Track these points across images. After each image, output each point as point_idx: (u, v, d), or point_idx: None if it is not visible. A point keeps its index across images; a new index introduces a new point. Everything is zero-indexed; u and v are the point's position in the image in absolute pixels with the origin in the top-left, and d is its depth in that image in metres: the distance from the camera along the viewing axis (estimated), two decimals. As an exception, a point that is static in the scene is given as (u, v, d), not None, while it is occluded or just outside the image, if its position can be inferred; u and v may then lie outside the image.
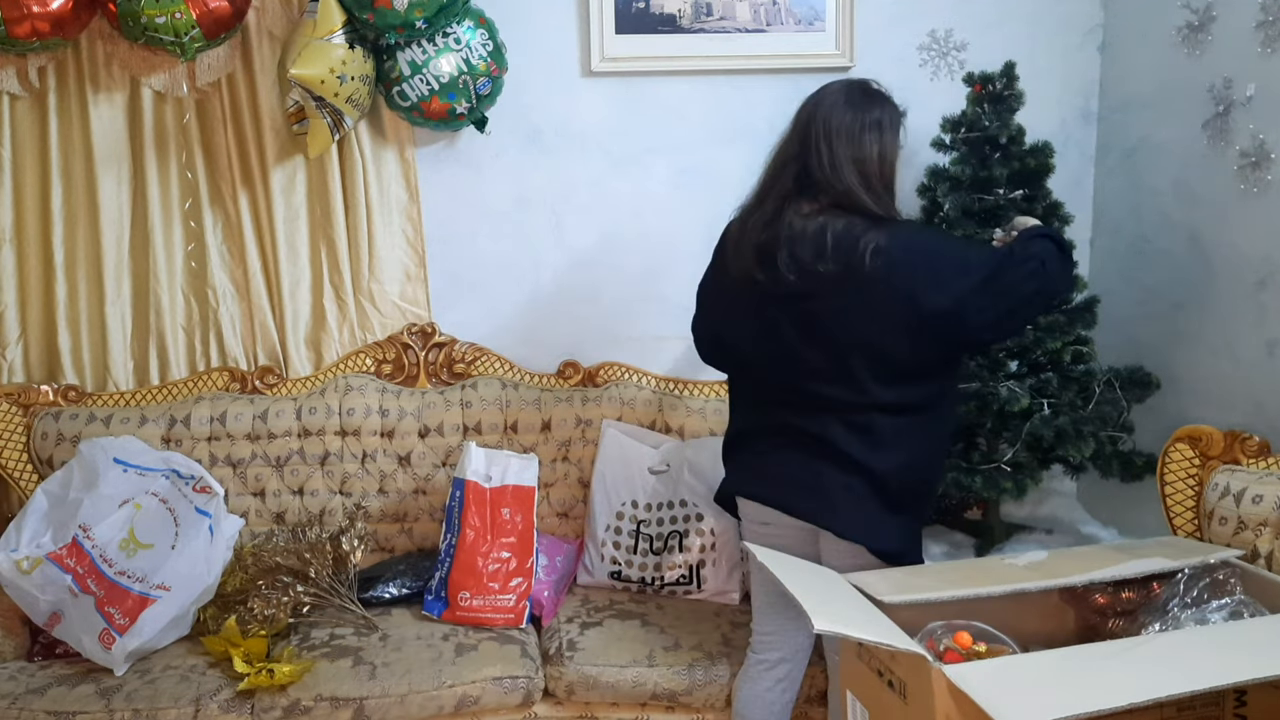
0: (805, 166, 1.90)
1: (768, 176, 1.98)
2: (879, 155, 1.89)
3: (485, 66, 2.58)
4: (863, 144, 1.88)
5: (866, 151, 1.88)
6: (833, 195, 1.88)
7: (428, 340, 2.81)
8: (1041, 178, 2.55)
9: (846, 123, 1.88)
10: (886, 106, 1.93)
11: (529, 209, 2.87)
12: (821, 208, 1.88)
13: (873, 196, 1.87)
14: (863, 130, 1.88)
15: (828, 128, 1.88)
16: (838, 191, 1.87)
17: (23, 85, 2.54)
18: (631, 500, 2.59)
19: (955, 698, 1.46)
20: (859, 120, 1.88)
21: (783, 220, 1.90)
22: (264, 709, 2.08)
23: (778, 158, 1.97)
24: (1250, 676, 1.45)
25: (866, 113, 1.90)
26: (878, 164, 1.89)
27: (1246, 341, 2.37)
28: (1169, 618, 1.79)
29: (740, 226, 1.99)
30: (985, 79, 2.57)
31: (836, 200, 1.88)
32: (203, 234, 2.70)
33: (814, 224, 1.87)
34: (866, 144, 1.88)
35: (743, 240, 1.96)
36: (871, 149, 1.88)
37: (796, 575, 1.74)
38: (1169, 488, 2.21)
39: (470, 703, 2.16)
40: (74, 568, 2.19)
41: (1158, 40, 2.64)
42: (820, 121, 1.89)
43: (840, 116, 1.89)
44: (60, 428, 2.56)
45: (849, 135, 1.88)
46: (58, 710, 2.03)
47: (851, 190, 1.86)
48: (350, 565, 2.40)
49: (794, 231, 1.88)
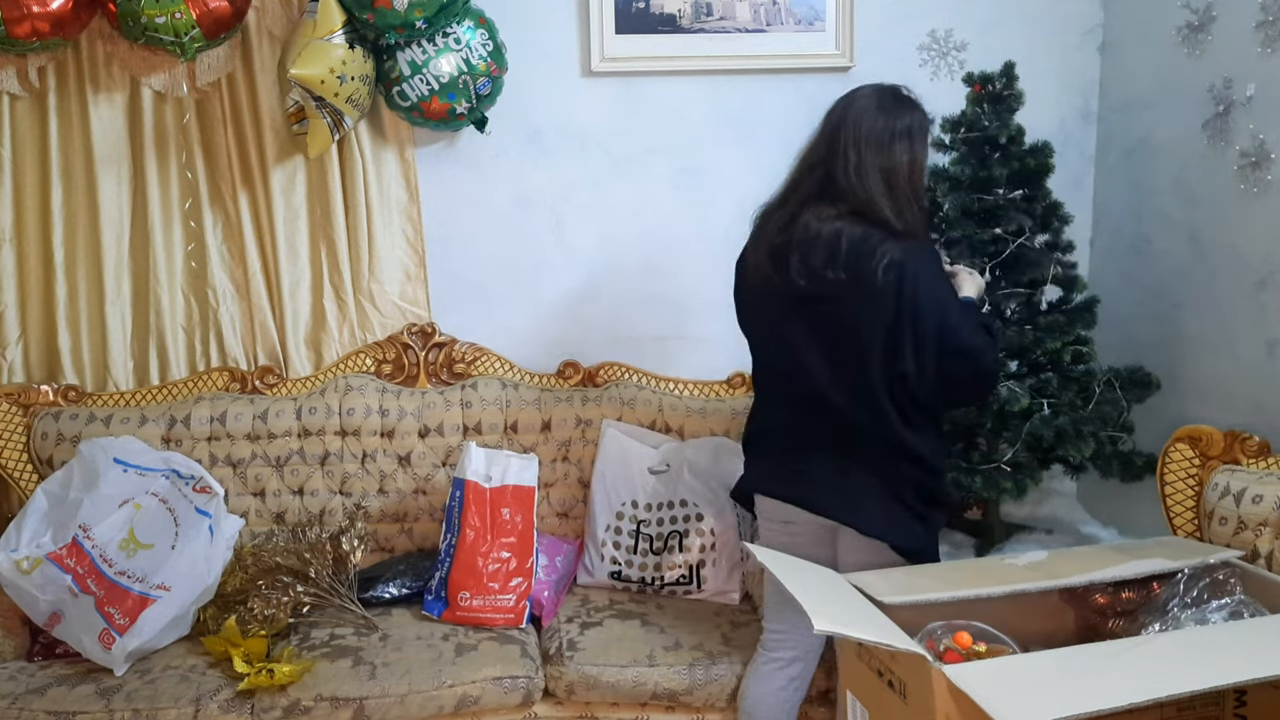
0: (830, 171, 1.88)
1: (792, 179, 1.96)
2: (909, 164, 1.87)
3: (485, 66, 2.58)
4: (892, 152, 1.86)
5: (896, 160, 1.86)
6: (854, 202, 1.86)
7: (428, 340, 2.81)
8: (1041, 178, 2.55)
9: (877, 130, 1.85)
10: (917, 114, 1.90)
11: (529, 209, 2.87)
12: (840, 214, 1.87)
13: (894, 207, 1.85)
14: (893, 139, 1.86)
15: (857, 133, 1.86)
16: (860, 200, 1.85)
17: (23, 85, 2.54)
18: (631, 500, 2.59)
19: (955, 698, 1.46)
20: (890, 128, 1.86)
21: (799, 223, 1.89)
22: (264, 709, 2.08)
23: (805, 160, 1.95)
24: (1250, 676, 1.45)
25: (898, 120, 1.87)
26: (906, 173, 1.87)
27: (1246, 341, 2.37)
28: (1169, 618, 1.79)
29: (761, 227, 1.98)
30: (985, 79, 2.57)
31: (857, 208, 1.86)
32: (203, 234, 2.70)
33: (829, 229, 1.86)
34: (896, 152, 1.86)
35: (761, 241, 1.96)
36: (901, 157, 1.86)
37: (797, 576, 1.74)
38: (1169, 488, 2.21)
39: (470, 703, 2.16)
40: (74, 568, 2.19)
41: (1158, 40, 2.64)
42: (850, 126, 1.87)
43: (871, 122, 1.86)
44: (60, 428, 2.56)
45: (878, 143, 1.85)
46: (58, 710, 2.03)
47: (874, 199, 1.84)
48: (350, 565, 2.40)
49: (808, 235, 1.87)
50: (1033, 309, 2.56)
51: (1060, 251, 2.57)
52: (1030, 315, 2.54)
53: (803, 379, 1.93)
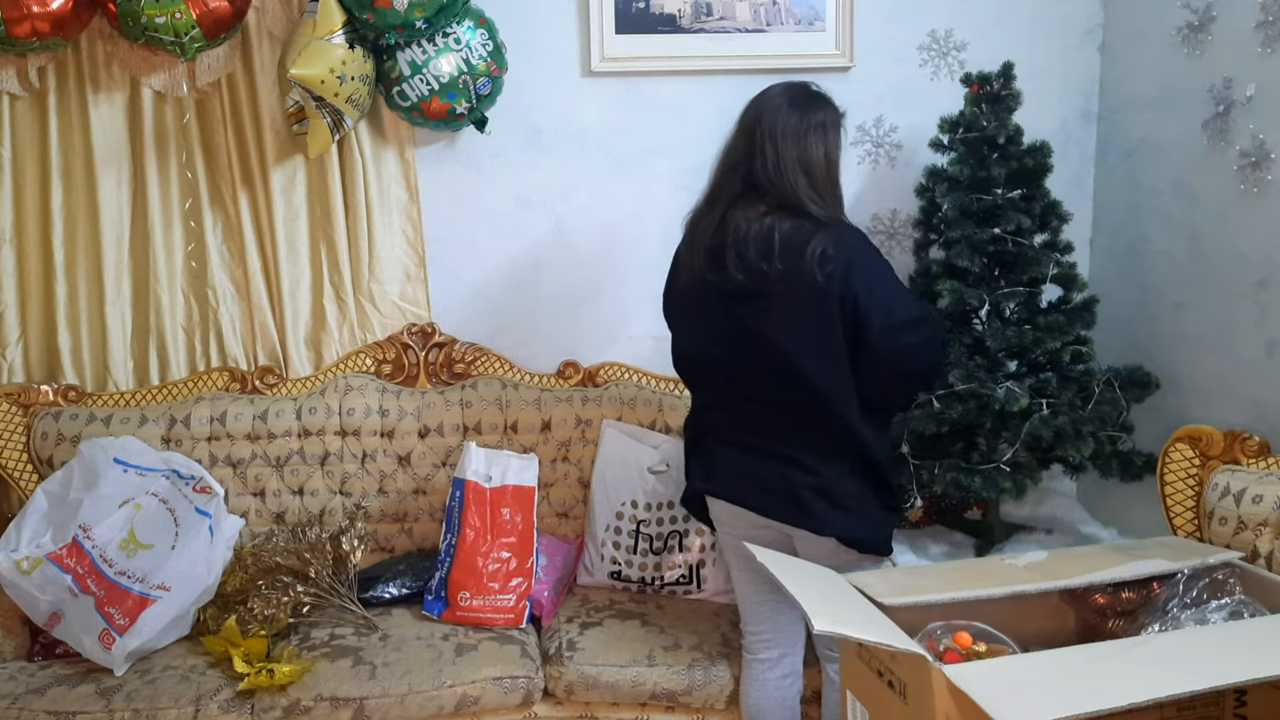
0: (751, 169, 1.93)
1: (716, 181, 2.01)
2: (824, 156, 1.92)
3: (485, 66, 2.58)
4: (808, 145, 1.91)
5: (813, 153, 1.91)
6: (778, 197, 1.91)
7: (428, 340, 2.81)
8: (1040, 178, 2.56)
9: (792, 125, 1.91)
10: (829, 108, 1.96)
11: (529, 209, 2.87)
12: (769, 209, 1.91)
13: (816, 198, 1.90)
14: (808, 131, 1.91)
15: (773, 130, 1.91)
16: (784, 193, 1.90)
17: (23, 85, 2.54)
18: (631, 500, 2.59)
19: (955, 698, 1.46)
20: (804, 122, 1.91)
21: (730, 223, 1.93)
22: (264, 709, 2.08)
23: (725, 161, 2.00)
24: (1250, 676, 1.45)
25: (812, 114, 1.93)
26: (824, 165, 1.92)
27: (1246, 341, 2.37)
28: (1169, 618, 1.79)
29: (692, 231, 2.02)
30: (983, 79, 2.57)
31: (781, 202, 1.90)
32: (203, 234, 2.70)
33: (762, 225, 1.90)
34: (812, 145, 1.91)
35: (695, 244, 1.99)
36: (817, 150, 1.91)
37: (796, 576, 1.74)
38: (1169, 488, 2.21)
39: (470, 703, 2.16)
40: (74, 568, 2.19)
41: (1158, 40, 2.64)
42: (766, 124, 1.92)
43: (785, 119, 1.91)
44: (60, 428, 2.56)
45: (795, 136, 1.90)
46: (58, 710, 2.03)
47: (797, 191, 1.89)
48: (350, 565, 2.40)
49: (741, 233, 1.91)
50: (1032, 309, 2.56)
51: (1059, 251, 2.57)
52: (1030, 315, 2.54)
53: (740, 376, 1.96)
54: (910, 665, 1.55)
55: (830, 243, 1.85)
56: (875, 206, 2.94)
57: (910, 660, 1.55)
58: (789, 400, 1.92)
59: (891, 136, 2.91)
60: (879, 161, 2.93)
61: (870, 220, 2.94)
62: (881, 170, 2.93)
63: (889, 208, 2.94)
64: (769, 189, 1.91)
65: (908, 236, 2.92)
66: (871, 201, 2.94)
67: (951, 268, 2.54)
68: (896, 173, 2.92)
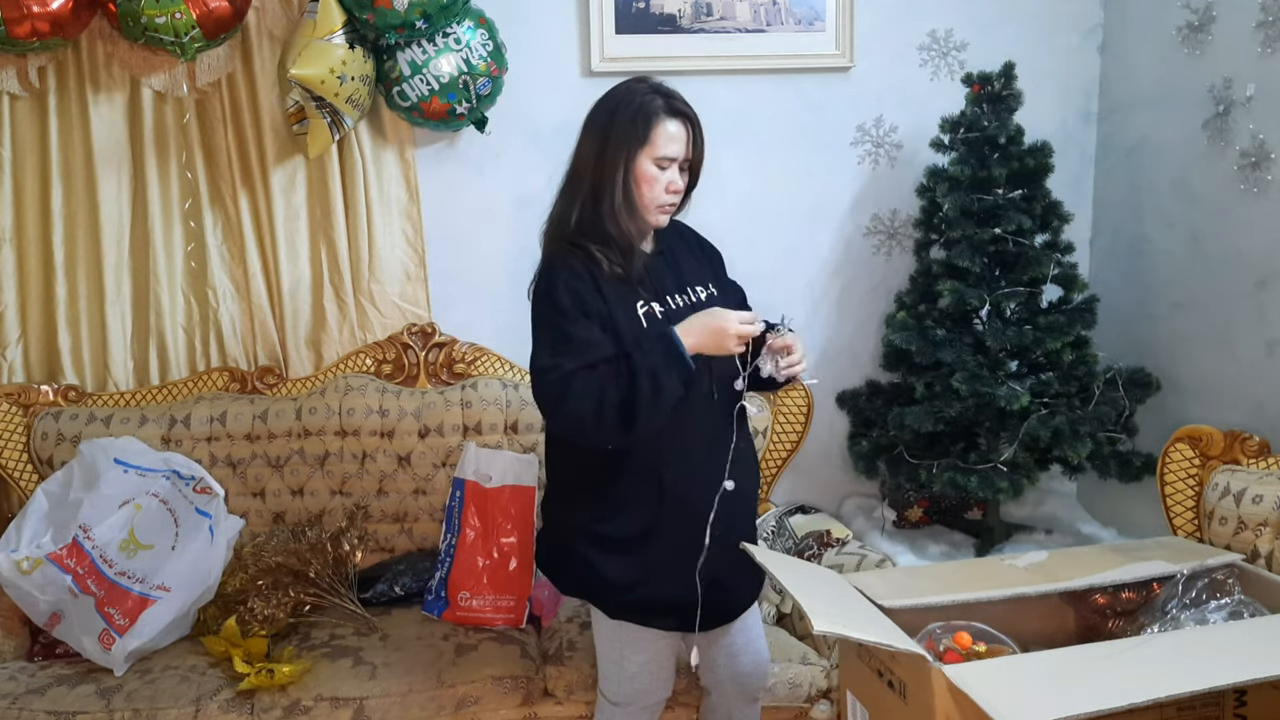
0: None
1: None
2: (578, 155, 1.80)
3: (485, 66, 2.57)
4: (578, 145, 1.81)
5: (577, 153, 1.81)
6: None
7: (428, 340, 2.81)
8: (1040, 178, 2.56)
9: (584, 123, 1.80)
10: (605, 104, 1.81)
11: (529, 209, 2.85)
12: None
13: (558, 205, 1.82)
14: (583, 129, 1.81)
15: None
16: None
17: (23, 85, 2.54)
18: (631, 500, 2.59)
19: (955, 698, 1.47)
20: (586, 119, 1.81)
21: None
22: (264, 709, 2.08)
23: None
24: (1250, 676, 1.45)
25: (592, 111, 1.81)
26: (578, 166, 1.80)
27: (1246, 341, 2.37)
28: (1169, 618, 1.79)
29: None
30: (984, 79, 2.57)
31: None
32: (203, 234, 2.70)
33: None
34: (579, 143, 1.81)
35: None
36: (580, 149, 1.80)
37: (796, 576, 1.74)
38: (1169, 488, 2.22)
39: (470, 703, 2.16)
40: (74, 568, 2.19)
41: (1158, 40, 2.64)
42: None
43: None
44: (60, 428, 2.56)
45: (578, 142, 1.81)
46: (58, 710, 2.03)
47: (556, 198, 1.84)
48: (350, 565, 2.40)
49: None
50: (1033, 309, 2.56)
51: (1060, 251, 2.57)
52: (1030, 315, 2.54)
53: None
54: (910, 665, 1.55)
55: (538, 269, 1.82)
56: (875, 206, 2.94)
57: (910, 660, 1.55)
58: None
59: (892, 136, 2.91)
60: (879, 161, 2.93)
61: (870, 220, 2.94)
62: (882, 170, 2.93)
63: (889, 208, 2.94)
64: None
65: (908, 236, 2.92)
66: (871, 201, 2.94)
67: (952, 268, 2.55)
68: (897, 173, 2.92)
